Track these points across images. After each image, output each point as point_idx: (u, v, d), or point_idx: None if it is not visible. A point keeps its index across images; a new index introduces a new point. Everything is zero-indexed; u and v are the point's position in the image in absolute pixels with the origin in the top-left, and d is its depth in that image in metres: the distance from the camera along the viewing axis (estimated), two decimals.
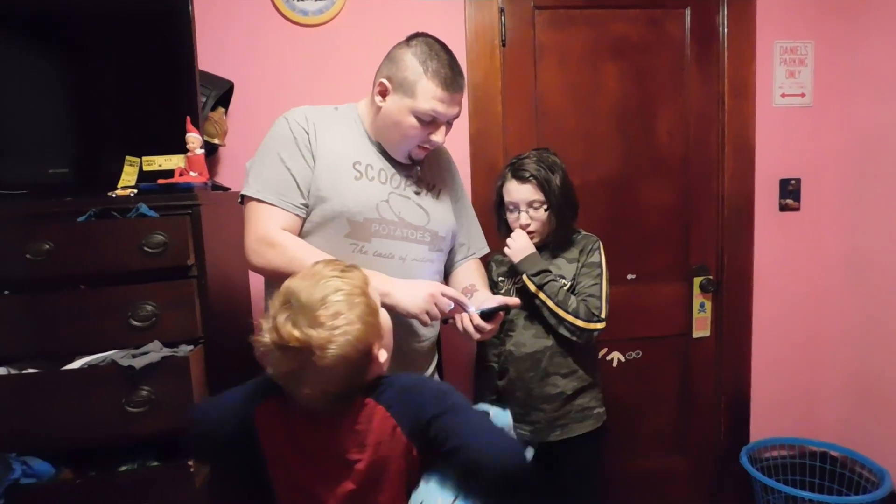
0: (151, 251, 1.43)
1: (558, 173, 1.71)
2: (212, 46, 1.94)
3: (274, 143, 1.41)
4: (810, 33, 2.34)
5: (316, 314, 0.97)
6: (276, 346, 0.97)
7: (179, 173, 1.57)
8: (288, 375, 1.00)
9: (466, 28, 2.17)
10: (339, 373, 0.99)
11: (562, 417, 1.72)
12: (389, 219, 1.42)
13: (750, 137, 2.34)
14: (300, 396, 1.03)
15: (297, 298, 0.99)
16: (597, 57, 2.26)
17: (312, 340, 0.96)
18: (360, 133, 1.48)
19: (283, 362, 0.99)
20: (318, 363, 0.96)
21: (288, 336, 0.96)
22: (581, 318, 1.66)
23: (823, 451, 2.40)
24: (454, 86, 1.40)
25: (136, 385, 1.39)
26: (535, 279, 1.68)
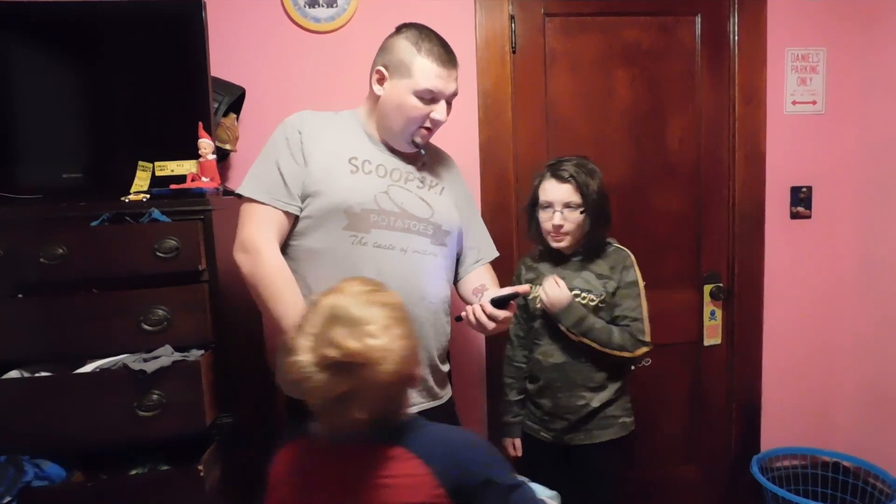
0: (163, 256, 1.44)
1: (597, 180, 1.71)
2: (224, 53, 1.95)
3: (269, 146, 1.46)
4: (822, 40, 2.33)
5: (369, 328, 0.92)
6: (327, 366, 0.90)
7: (191, 178, 1.58)
8: (336, 400, 0.91)
9: (477, 35, 2.17)
10: (391, 392, 0.94)
11: (585, 424, 1.72)
12: (389, 209, 1.43)
13: (761, 145, 2.33)
14: (341, 424, 0.95)
15: (346, 313, 0.93)
16: (608, 64, 2.26)
17: (374, 353, 0.90)
18: (358, 132, 1.50)
19: (331, 384, 0.90)
20: (374, 380, 0.90)
21: (349, 350, 0.89)
22: (627, 349, 1.66)
23: (836, 462, 2.38)
24: (449, 61, 1.44)
25: (147, 389, 1.40)
26: (576, 330, 1.66)
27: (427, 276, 1.47)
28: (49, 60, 1.65)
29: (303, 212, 1.42)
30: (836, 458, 2.38)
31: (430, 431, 1.01)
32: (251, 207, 1.41)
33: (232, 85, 1.96)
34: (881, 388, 2.30)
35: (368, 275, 1.37)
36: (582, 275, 1.73)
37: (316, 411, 0.96)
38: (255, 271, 1.36)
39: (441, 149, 1.68)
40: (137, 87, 1.70)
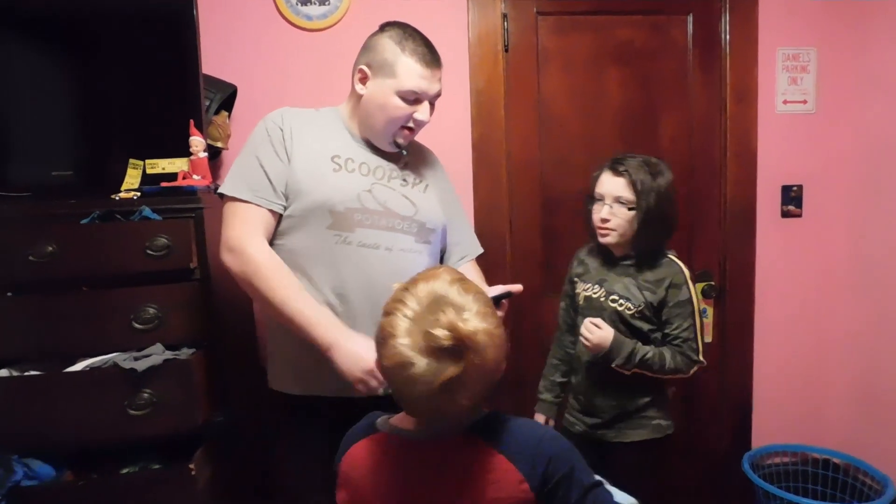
0: (154, 254, 1.43)
1: (660, 182, 1.63)
2: (216, 50, 1.95)
3: (251, 143, 1.44)
4: (813, 40, 2.34)
5: (469, 314, 0.89)
6: (434, 351, 0.85)
7: (183, 176, 1.58)
8: (442, 387, 0.86)
9: (469, 33, 2.17)
10: (494, 380, 0.92)
11: (619, 422, 1.70)
12: (373, 208, 1.42)
13: (752, 144, 2.34)
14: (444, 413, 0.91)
15: (446, 299, 0.90)
16: (600, 63, 2.27)
17: (481, 337, 0.87)
18: (340, 130, 1.49)
19: (441, 369, 0.85)
20: (481, 365, 0.87)
21: (461, 332, 0.85)
22: (682, 371, 1.62)
23: (826, 458, 2.39)
24: (433, 62, 1.43)
25: (138, 388, 1.39)
26: (628, 366, 1.61)
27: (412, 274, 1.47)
28: (39, 57, 1.64)
29: (286, 210, 1.40)
30: (826, 454, 2.40)
31: (514, 425, 0.98)
32: (235, 206, 1.39)
33: (224, 83, 1.96)
34: (871, 385, 2.32)
35: (353, 274, 1.38)
36: (624, 280, 1.67)
37: (412, 401, 0.92)
38: (244, 268, 1.35)
39: (424, 145, 1.66)
40: (128, 84, 1.69)
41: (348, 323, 1.36)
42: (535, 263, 2.30)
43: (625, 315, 1.65)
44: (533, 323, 2.31)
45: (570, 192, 2.29)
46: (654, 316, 1.65)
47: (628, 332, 1.65)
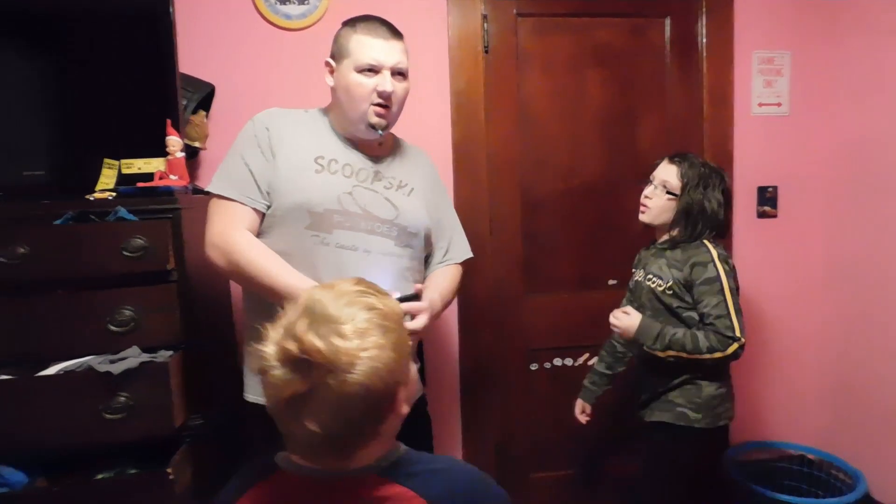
0: (131, 255, 1.41)
1: (706, 183, 1.70)
2: (194, 49, 1.93)
3: (237, 143, 1.45)
4: (787, 44, 2.39)
5: (342, 328, 0.80)
6: (286, 361, 0.79)
7: (159, 177, 1.56)
8: (289, 403, 0.79)
9: (449, 34, 2.18)
10: (354, 409, 0.79)
11: (653, 402, 1.78)
12: (353, 211, 1.42)
13: (729, 145, 2.38)
14: (296, 438, 0.83)
15: (322, 308, 0.82)
16: (580, 64, 2.28)
17: (338, 356, 0.77)
18: (326, 130, 1.49)
19: (288, 383, 0.78)
20: (334, 388, 0.77)
21: (309, 346, 0.77)
22: (718, 349, 1.62)
23: (801, 455, 2.44)
24: (385, 33, 1.43)
25: (114, 391, 1.37)
26: (658, 346, 1.67)
27: (392, 278, 1.46)
28: (9, 54, 1.60)
29: (269, 210, 1.40)
30: (801, 451, 2.44)
31: (436, 467, 0.89)
32: (220, 204, 1.40)
33: (201, 82, 1.94)
34: (844, 382, 2.36)
35: (331, 275, 1.36)
36: (658, 261, 1.76)
37: (273, 417, 0.84)
38: (230, 259, 1.35)
39: (418, 148, 1.66)
40: (103, 82, 1.66)
41: None
42: (516, 264, 2.31)
43: (657, 292, 1.74)
44: (514, 324, 2.32)
45: (550, 192, 2.31)
46: (686, 293, 1.69)
47: (664, 310, 1.73)
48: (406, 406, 0.88)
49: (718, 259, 1.67)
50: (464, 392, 2.29)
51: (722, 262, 1.67)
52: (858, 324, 2.29)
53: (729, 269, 1.67)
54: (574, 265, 2.35)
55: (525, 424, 2.36)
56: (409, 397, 0.89)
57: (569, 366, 2.37)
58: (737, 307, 1.65)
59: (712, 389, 1.71)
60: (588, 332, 2.36)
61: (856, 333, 2.30)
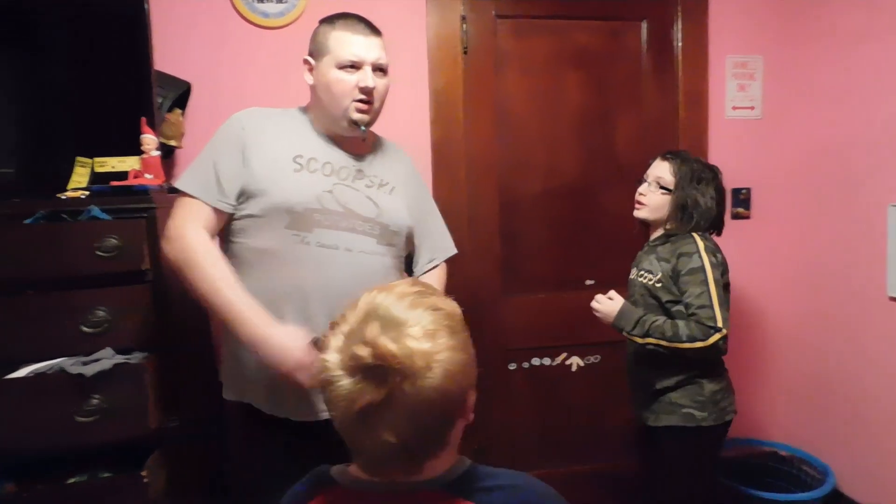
0: (104, 255, 1.39)
1: (703, 182, 1.71)
2: (169, 47, 1.90)
3: (212, 142, 1.43)
4: (760, 49, 2.43)
5: (411, 330, 0.75)
6: (356, 369, 0.73)
7: (134, 175, 1.53)
8: (363, 414, 0.73)
9: (428, 35, 2.18)
10: (431, 415, 0.75)
11: (653, 404, 1.76)
12: (333, 209, 1.41)
13: (703, 147, 2.42)
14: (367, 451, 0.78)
15: (386, 311, 0.77)
16: (558, 66, 2.30)
17: (413, 360, 0.73)
18: (305, 129, 1.48)
19: (361, 392, 0.73)
20: (410, 394, 0.72)
21: (384, 351, 0.72)
22: (699, 338, 1.60)
23: (773, 451, 2.49)
24: (365, 29, 1.44)
25: (87, 394, 1.35)
26: (637, 332, 1.67)
27: (374, 277, 1.45)
28: None
29: (244, 210, 1.38)
30: (773, 447, 2.49)
31: (506, 483, 0.84)
32: (182, 200, 1.38)
33: (177, 80, 1.91)
34: (815, 380, 2.42)
35: (312, 274, 1.36)
36: (650, 257, 1.77)
37: (340, 431, 0.78)
38: (178, 255, 1.32)
39: (395, 145, 1.66)
40: (75, 79, 1.63)
41: (306, 323, 1.34)
42: (494, 264, 2.32)
43: (648, 286, 1.74)
44: (491, 323, 2.33)
45: (528, 193, 2.33)
46: (674, 285, 1.69)
47: (656, 306, 1.73)
48: (471, 414, 0.83)
49: (705, 250, 1.66)
50: None
51: (708, 254, 1.66)
52: (828, 322, 2.34)
53: (716, 261, 1.67)
54: (552, 265, 2.37)
55: (504, 423, 2.37)
56: (474, 403, 0.83)
57: (547, 365, 2.39)
58: (721, 299, 1.63)
59: (713, 385, 1.71)
60: (566, 331, 2.38)
61: (825, 331, 2.36)
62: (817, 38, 2.33)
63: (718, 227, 1.78)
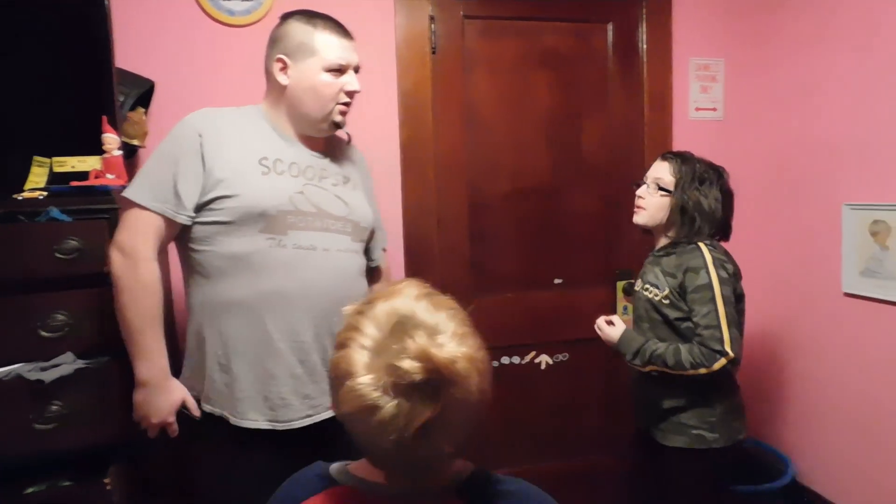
0: (64, 257, 1.35)
1: (705, 183, 1.63)
2: (132, 45, 1.87)
3: (165, 148, 1.37)
4: (721, 52, 2.49)
5: (444, 337, 0.71)
6: (403, 387, 0.67)
7: (95, 175, 1.50)
8: (423, 432, 0.68)
9: (396, 35, 2.18)
10: (477, 418, 0.73)
11: (660, 423, 1.69)
12: (306, 210, 1.39)
13: (668, 148, 2.45)
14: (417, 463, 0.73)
15: (413, 319, 0.72)
16: (526, 67, 2.32)
17: (460, 364, 0.69)
18: (265, 130, 1.44)
19: (417, 411, 0.67)
20: (461, 401, 0.69)
21: (438, 362, 0.67)
22: (704, 364, 1.53)
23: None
24: (346, 33, 1.44)
25: (46, 400, 1.31)
26: (637, 361, 1.63)
27: (352, 275, 1.46)
28: None
29: (211, 217, 1.33)
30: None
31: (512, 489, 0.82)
32: (134, 212, 1.33)
33: (140, 78, 1.87)
34: (773, 374, 2.49)
35: (290, 278, 1.35)
36: (655, 269, 1.68)
37: (383, 453, 0.73)
38: (125, 274, 1.30)
39: (345, 141, 1.64)
40: (32, 76, 1.59)
41: (290, 328, 1.34)
42: (463, 263, 2.33)
43: (654, 302, 1.66)
44: None
45: (496, 193, 2.34)
46: (682, 302, 1.61)
47: (661, 322, 1.65)
48: None
49: (713, 265, 1.57)
50: None
51: (716, 268, 1.57)
52: (785, 317, 2.42)
53: (726, 275, 1.58)
54: (520, 265, 2.39)
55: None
56: None
57: (516, 364, 2.41)
58: (730, 318, 1.55)
59: (724, 405, 1.64)
60: (535, 330, 2.41)
61: (783, 327, 2.43)
62: (775, 41, 2.40)
63: (725, 231, 1.70)
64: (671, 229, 1.68)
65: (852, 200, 2.08)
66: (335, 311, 1.34)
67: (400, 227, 2.22)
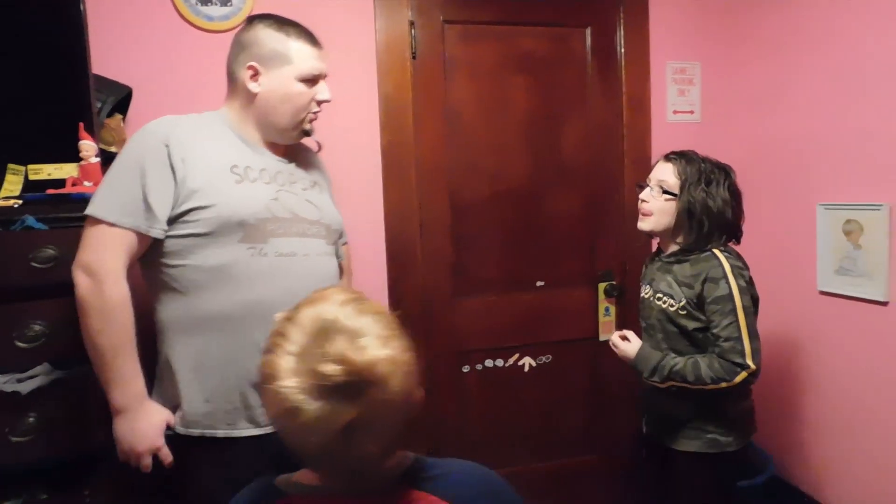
0: (40, 266, 1.33)
1: (713, 185, 1.57)
2: (110, 50, 1.85)
3: (128, 158, 1.31)
4: (697, 55, 2.53)
5: (366, 340, 0.74)
6: (325, 389, 0.70)
7: (72, 183, 1.48)
8: (345, 433, 0.71)
9: (377, 39, 2.18)
10: (401, 418, 0.76)
11: (675, 428, 1.65)
12: (283, 216, 1.38)
13: (647, 151, 2.49)
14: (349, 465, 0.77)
15: (336, 324, 0.75)
16: (505, 71, 2.34)
17: (381, 367, 0.72)
18: (230, 137, 1.41)
19: (338, 413, 0.70)
20: (382, 403, 0.72)
21: (354, 364, 0.70)
22: (725, 379, 1.50)
23: None
24: (315, 39, 1.43)
25: (23, 412, 1.29)
26: (656, 378, 1.59)
27: (331, 278, 1.46)
28: None
29: (184, 229, 1.30)
30: None
31: (450, 469, 0.86)
32: (99, 228, 1.27)
33: (118, 84, 1.85)
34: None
35: (273, 286, 1.33)
36: (667, 278, 1.63)
37: (310, 455, 0.77)
38: (92, 297, 1.25)
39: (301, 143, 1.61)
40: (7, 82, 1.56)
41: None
42: (446, 266, 2.33)
43: (669, 313, 1.61)
44: (444, 326, 2.34)
45: (478, 196, 2.35)
46: (700, 312, 1.57)
47: (678, 333, 1.61)
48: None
49: (732, 274, 1.53)
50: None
51: (736, 278, 1.53)
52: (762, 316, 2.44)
53: (745, 284, 1.55)
54: (502, 267, 2.40)
55: (458, 426, 2.38)
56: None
57: (500, 367, 2.42)
58: (751, 329, 1.53)
59: (739, 408, 1.63)
60: (518, 333, 2.42)
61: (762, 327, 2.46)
62: (749, 44, 2.44)
63: (736, 234, 1.65)
64: (679, 235, 1.64)
65: (826, 200, 2.12)
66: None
67: (382, 231, 2.22)
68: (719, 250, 1.59)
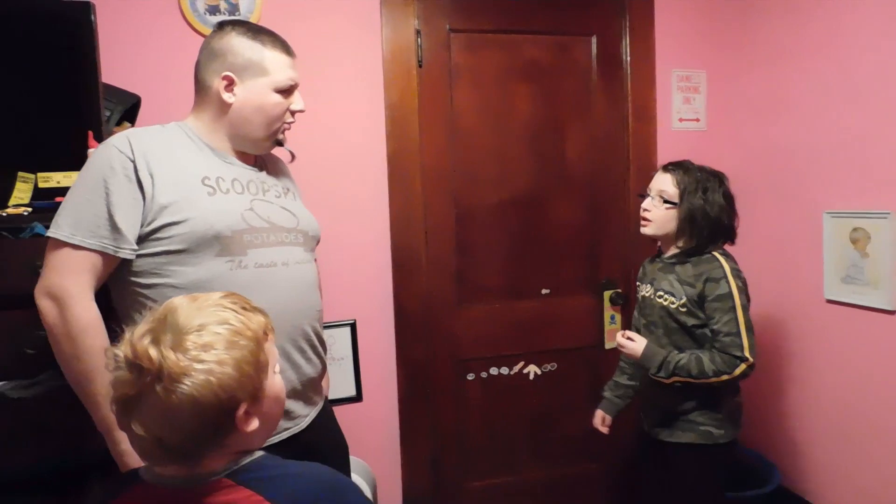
0: None
1: (709, 192, 1.68)
2: (119, 59, 1.87)
3: (91, 176, 1.24)
4: (703, 63, 2.54)
5: (184, 338, 0.80)
6: (125, 363, 0.80)
7: None
8: (122, 403, 0.80)
9: (383, 48, 2.19)
10: (182, 420, 0.78)
11: (671, 422, 1.74)
12: (259, 226, 1.33)
13: (652, 159, 2.49)
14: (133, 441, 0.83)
15: (173, 316, 0.83)
16: (509, 79, 2.35)
17: (165, 365, 0.77)
18: (198, 147, 1.36)
19: (123, 383, 0.79)
20: (161, 397, 0.77)
21: (141, 352, 0.78)
22: (725, 371, 1.61)
23: None
24: (289, 48, 1.41)
25: (29, 417, 1.30)
26: (662, 374, 1.66)
27: (312, 286, 1.42)
28: None
29: (156, 247, 1.24)
30: None
31: (288, 472, 0.89)
32: (66, 252, 1.20)
33: (126, 93, 1.87)
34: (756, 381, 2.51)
35: (256, 298, 1.29)
36: (669, 277, 1.73)
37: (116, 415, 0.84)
38: (57, 324, 1.18)
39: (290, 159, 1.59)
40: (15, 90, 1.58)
41: None
42: (450, 274, 2.34)
43: (671, 310, 1.71)
44: (446, 333, 2.34)
45: (482, 204, 2.36)
46: (700, 310, 1.67)
47: (678, 329, 1.70)
48: (255, 423, 0.85)
49: (731, 274, 1.65)
50: (402, 404, 2.29)
51: (735, 278, 1.65)
52: (768, 324, 2.44)
53: (742, 284, 1.66)
54: (507, 275, 2.41)
55: (462, 434, 2.38)
56: (264, 415, 0.87)
57: (504, 375, 2.42)
58: (748, 325, 1.64)
59: (731, 401, 1.73)
60: (522, 340, 2.42)
61: (766, 333, 2.45)
62: (755, 52, 2.44)
63: (730, 236, 1.76)
64: (681, 239, 1.74)
65: (833, 208, 2.11)
66: (300, 325, 1.34)
67: (387, 239, 2.23)
68: (719, 253, 1.70)
